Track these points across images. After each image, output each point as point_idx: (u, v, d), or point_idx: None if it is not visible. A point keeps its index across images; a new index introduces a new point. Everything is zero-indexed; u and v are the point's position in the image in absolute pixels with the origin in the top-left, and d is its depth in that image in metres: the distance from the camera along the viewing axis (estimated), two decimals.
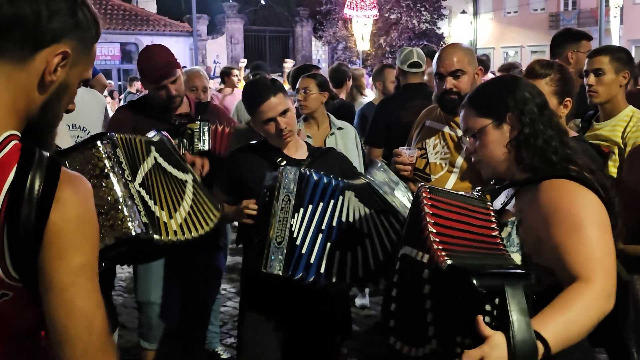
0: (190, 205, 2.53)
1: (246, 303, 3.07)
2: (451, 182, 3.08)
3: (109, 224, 2.21)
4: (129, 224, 2.23)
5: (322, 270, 2.68)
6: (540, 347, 1.62)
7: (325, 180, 2.74)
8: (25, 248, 1.25)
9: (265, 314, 2.97)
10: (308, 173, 2.75)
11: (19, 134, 1.30)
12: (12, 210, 1.23)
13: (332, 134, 4.25)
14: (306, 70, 5.33)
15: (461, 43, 3.41)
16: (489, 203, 2.01)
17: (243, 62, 11.45)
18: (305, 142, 3.21)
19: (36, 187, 1.24)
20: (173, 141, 3.17)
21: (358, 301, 5.51)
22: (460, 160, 3.12)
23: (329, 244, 2.70)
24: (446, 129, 3.21)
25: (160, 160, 2.50)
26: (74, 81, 1.38)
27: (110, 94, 12.87)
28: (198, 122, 3.36)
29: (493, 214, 1.95)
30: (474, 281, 1.59)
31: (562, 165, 1.94)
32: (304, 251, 2.68)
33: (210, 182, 3.19)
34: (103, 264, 2.26)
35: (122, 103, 14.44)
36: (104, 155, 2.25)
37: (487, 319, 1.61)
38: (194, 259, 3.55)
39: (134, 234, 2.23)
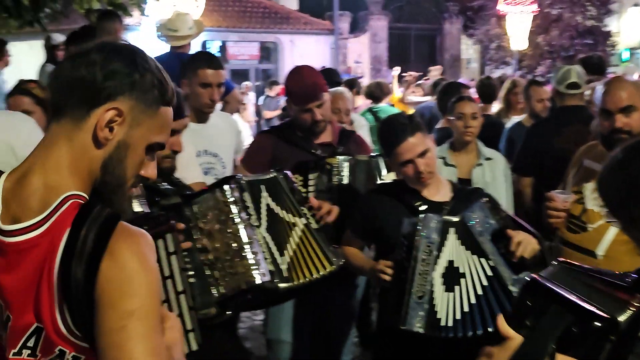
0: (294, 250, 2.54)
1: (381, 356, 3.07)
2: (611, 234, 2.90)
3: (233, 271, 2.30)
4: (254, 272, 2.30)
5: (464, 325, 2.66)
6: None
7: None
8: (81, 303, 1.34)
9: None
10: (454, 221, 2.72)
11: (81, 194, 1.43)
12: (65, 267, 1.34)
13: (480, 164, 4.14)
14: (457, 89, 5.26)
15: (627, 76, 3.22)
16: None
17: (397, 70, 11.24)
18: (449, 180, 3.15)
19: (89, 242, 1.34)
20: (299, 178, 3.24)
21: None
22: None
23: (472, 296, 2.67)
24: None
25: (269, 200, 2.54)
26: (137, 143, 1.49)
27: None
28: (338, 158, 3.39)
29: None
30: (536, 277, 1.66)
31: None
32: (449, 305, 2.66)
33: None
34: (228, 312, 2.36)
35: (260, 102, 14.94)
36: (230, 200, 2.35)
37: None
38: (328, 297, 3.61)
39: (258, 282, 2.31)
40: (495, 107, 6.59)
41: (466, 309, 2.66)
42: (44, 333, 1.38)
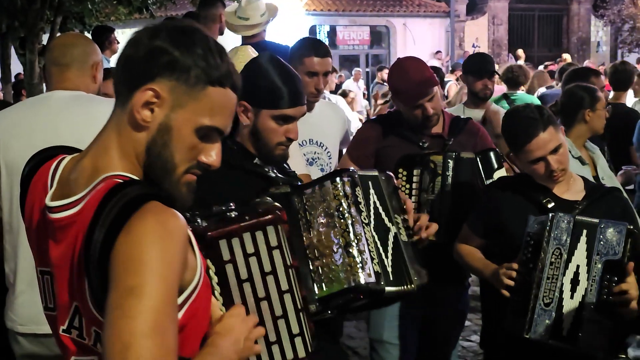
0: (392, 255, 2.45)
1: None
2: None
3: (337, 268, 2.26)
4: (359, 271, 2.25)
5: (588, 337, 2.58)
6: None
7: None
8: (97, 280, 1.34)
9: None
10: (588, 222, 2.62)
11: (127, 175, 1.44)
12: (87, 243, 1.35)
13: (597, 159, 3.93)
14: (585, 75, 5.00)
15: None
16: None
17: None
18: (582, 176, 3.01)
19: (111, 216, 1.33)
20: (403, 172, 3.22)
21: (632, 352, 5.10)
22: None
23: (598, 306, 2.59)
24: None
25: (375, 198, 2.46)
26: (182, 126, 1.47)
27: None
28: (443, 155, 3.30)
29: None
30: None
31: None
32: (569, 312, 2.59)
33: (459, 218, 3.16)
34: (330, 312, 2.33)
35: (372, 91, 14.93)
36: (341, 194, 2.30)
37: None
38: (435, 297, 3.49)
39: (363, 283, 2.25)
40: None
41: (572, 320, 2.61)
42: (80, 313, 1.44)
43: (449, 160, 3.29)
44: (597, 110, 3.81)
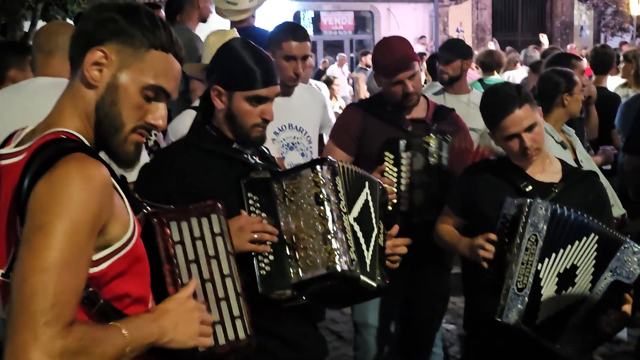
0: (372, 251, 2.48)
1: (472, 343, 3.04)
2: None
3: (314, 254, 2.31)
4: (336, 258, 2.29)
5: (566, 341, 2.62)
6: None
7: (581, 221, 2.63)
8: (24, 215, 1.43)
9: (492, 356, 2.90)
10: (566, 214, 2.63)
11: (72, 132, 1.57)
12: (19, 186, 1.46)
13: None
14: (566, 60, 5.05)
15: None
16: None
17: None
18: (560, 159, 3.03)
19: (39, 162, 1.45)
20: (389, 156, 3.25)
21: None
22: None
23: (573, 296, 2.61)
24: None
25: (369, 197, 2.51)
26: (128, 85, 1.61)
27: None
28: (436, 136, 3.32)
29: None
30: None
31: None
32: (548, 304, 2.60)
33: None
34: (304, 298, 2.37)
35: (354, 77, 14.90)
36: (321, 182, 2.33)
37: None
38: (418, 280, 3.57)
39: (339, 270, 2.29)
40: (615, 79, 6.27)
41: (554, 316, 2.63)
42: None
43: (444, 143, 3.32)
44: (575, 94, 3.87)
